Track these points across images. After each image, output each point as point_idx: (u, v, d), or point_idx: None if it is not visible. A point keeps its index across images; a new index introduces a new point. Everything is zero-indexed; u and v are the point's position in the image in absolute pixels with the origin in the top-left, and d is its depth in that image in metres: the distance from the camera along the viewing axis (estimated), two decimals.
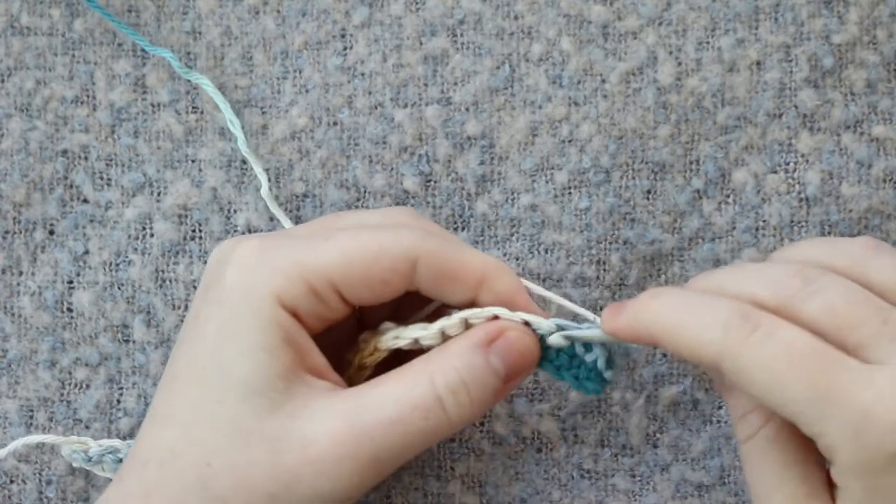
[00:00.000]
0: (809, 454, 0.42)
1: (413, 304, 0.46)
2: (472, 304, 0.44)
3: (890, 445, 0.38)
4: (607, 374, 0.44)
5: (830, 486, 0.41)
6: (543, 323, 0.44)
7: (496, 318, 0.43)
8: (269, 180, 0.51)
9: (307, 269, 0.42)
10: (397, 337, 0.44)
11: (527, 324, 0.44)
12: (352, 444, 0.41)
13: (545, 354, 0.44)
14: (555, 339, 0.44)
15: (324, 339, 0.44)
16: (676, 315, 0.41)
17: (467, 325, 0.43)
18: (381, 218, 0.45)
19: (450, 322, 0.43)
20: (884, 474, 0.39)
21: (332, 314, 0.43)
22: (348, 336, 0.46)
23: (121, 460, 0.49)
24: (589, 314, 0.45)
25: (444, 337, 0.44)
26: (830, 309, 0.40)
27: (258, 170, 0.50)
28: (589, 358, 0.44)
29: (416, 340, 0.44)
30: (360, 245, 0.42)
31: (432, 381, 0.42)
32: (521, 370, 0.43)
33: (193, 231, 0.51)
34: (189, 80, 0.51)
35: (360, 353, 0.45)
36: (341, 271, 0.42)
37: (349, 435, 0.41)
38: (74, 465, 0.50)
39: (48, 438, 0.50)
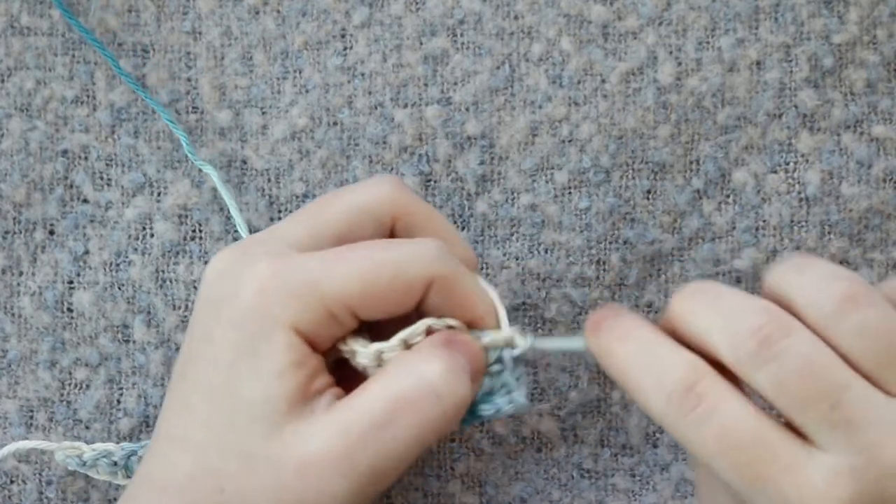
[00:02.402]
0: None
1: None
2: None
3: None
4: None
5: None
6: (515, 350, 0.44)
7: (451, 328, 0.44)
8: (269, 180, 0.51)
9: (325, 294, 0.42)
10: (364, 346, 0.44)
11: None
12: (346, 458, 0.41)
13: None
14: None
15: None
16: (632, 369, 0.42)
17: (428, 332, 0.44)
18: (370, 197, 0.44)
19: (412, 332, 0.43)
20: None
21: (342, 331, 0.43)
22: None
23: (115, 463, 0.49)
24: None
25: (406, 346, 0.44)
26: (781, 383, 0.39)
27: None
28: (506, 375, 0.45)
29: (380, 353, 0.43)
30: (377, 268, 0.42)
31: (419, 371, 0.42)
32: (478, 372, 0.44)
33: (193, 231, 0.51)
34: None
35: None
36: (359, 295, 0.42)
37: (343, 448, 0.41)
38: (69, 468, 0.50)
39: (41, 444, 0.49)
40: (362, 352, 0.43)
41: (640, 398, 0.41)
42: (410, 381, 0.42)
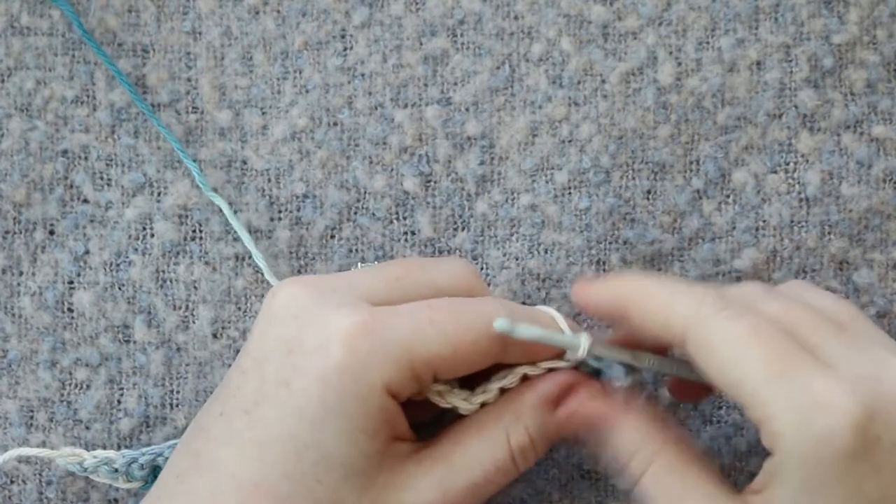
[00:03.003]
0: (711, 476, 0.42)
1: None
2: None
3: (840, 440, 0.38)
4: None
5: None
6: (588, 359, 0.45)
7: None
8: (269, 180, 0.51)
9: (415, 357, 0.42)
10: (466, 399, 0.45)
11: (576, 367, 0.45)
12: None
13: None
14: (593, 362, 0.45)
15: None
16: (650, 286, 0.43)
17: (524, 377, 0.45)
18: (449, 277, 0.45)
19: (509, 381, 0.45)
20: (831, 469, 0.38)
21: (421, 388, 0.43)
22: None
23: (116, 470, 0.49)
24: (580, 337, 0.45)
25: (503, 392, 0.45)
26: (789, 310, 0.41)
27: (271, 277, 0.50)
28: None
29: (483, 404, 0.45)
30: (462, 331, 0.42)
31: (508, 442, 0.44)
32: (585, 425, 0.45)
33: (194, 231, 0.51)
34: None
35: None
36: (445, 359, 0.42)
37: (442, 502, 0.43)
38: (70, 469, 0.49)
39: (41, 452, 0.49)
40: (467, 407, 0.44)
41: (662, 309, 0.42)
42: (501, 451, 0.44)
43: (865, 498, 0.38)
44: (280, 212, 0.51)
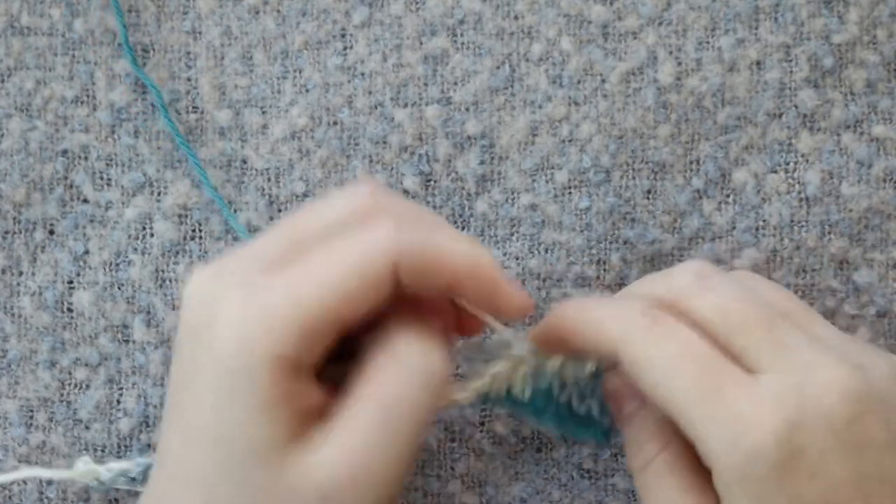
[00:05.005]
0: (707, 481, 0.42)
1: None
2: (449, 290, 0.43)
3: (767, 454, 0.39)
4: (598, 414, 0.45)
5: None
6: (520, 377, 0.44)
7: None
8: (269, 180, 0.51)
9: (303, 317, 0.40)
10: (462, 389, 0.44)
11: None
12: (363, 478, 0.40)
13: (538, 404, 0.45)
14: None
15: None
16: (582, 311, 0.43)
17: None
18: (343, 209, 0.43)
19: (503, 367, 0.44)
20: (766, 483, 0.39)
21: (329, 341, 0.42)
22: None
23: (133, 479, 0.49)
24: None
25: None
26: (721, 308, 0.42)
27: None
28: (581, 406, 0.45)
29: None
30: (346, 275, 0.41)
31: (404, 364, 0.41)
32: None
33: (193, 231, 0.51)
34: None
35: None
36: (334, 309, 0.41)
37: (351, 469, 0.40)
38: (90, 486, 0.50)
39: (56, 474, 0.49)
40: (464, 395, 0.44)
41: (593, 330, 0.42)
42: (398, 377, 0.41)
43: None
44: (280, 211, 0.51)
